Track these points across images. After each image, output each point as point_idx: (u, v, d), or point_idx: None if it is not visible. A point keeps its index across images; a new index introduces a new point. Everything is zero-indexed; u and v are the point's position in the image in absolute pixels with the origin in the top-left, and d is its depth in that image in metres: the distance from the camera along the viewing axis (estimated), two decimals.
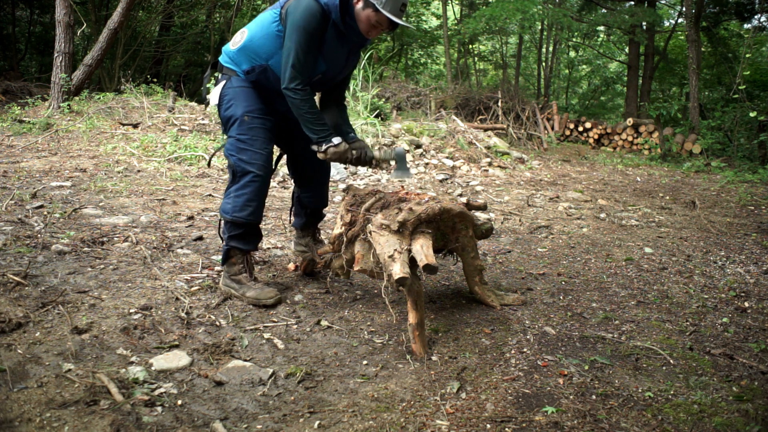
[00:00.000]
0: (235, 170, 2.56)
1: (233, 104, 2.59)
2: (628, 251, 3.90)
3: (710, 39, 14.77)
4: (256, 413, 1.83)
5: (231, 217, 2.56)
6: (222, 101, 2.63)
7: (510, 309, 2.75)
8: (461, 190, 5.97)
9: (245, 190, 2.55)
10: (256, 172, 2.54)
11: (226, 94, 2.62)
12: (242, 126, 2.56)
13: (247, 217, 2.56)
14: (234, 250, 2.65)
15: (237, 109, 2.57)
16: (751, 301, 2.99)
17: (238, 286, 2.63)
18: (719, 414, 1.89)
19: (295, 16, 2.38)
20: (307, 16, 2.37)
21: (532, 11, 12.09)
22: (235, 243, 2.63)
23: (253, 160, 2.54)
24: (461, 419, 1.82)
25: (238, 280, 2.64)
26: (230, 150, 2.58)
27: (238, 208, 2.55)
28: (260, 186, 2.57)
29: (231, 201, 2.57)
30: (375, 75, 11.40)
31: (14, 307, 2.32)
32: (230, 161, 2.57)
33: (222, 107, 2.64)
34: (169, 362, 2.05)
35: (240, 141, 2.55)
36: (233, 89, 2.61)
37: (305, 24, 2.37)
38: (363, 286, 3.01)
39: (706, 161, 9.50)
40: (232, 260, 2.66)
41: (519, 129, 11.05)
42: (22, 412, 1.67)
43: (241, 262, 2.67)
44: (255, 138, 2.56)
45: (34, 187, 4.48)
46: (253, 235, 2.69)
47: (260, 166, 2.55)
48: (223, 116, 2.65)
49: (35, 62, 15.68)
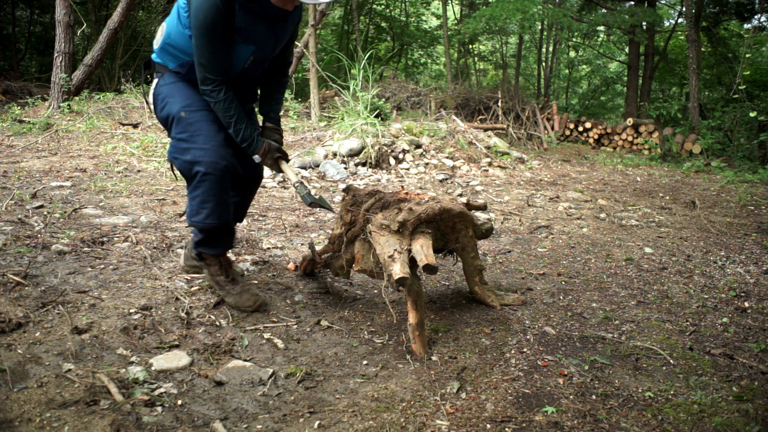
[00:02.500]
0: (183, 172, 2.36)
1: (168, 102, 2.37)
2: (628, 251, 3.90)
3: (710, 39, 14.77)
4: (256, 413, 1.83)
5: (190, 222, 2.40)
6: (157, 102, 2.42)
7: (510, 309, 2.75)
8: (461, 190, 5.97)
9: (197, 192, 2.34)
10: (203, 171, 2.30)
11: (160, 93, 2.41)
12: (180, 124, 2.34)
13: (203, 221, 2.37)
14: (204, 254, 2.54)
15: (173, 107, 2.36)
16: (751, 301, 2.99)
17: (219, 288, 2.55)
18: (719, 414, 1.89)
19: (196, 12, 2.17)
20: (205, 8, 2.15)
21: (532, 11, 12.08)
22: (202, 248, 2.51)
23: (198, 158, 2.30)
24: (461, 419, 1.82)
25: (217, 282, 2.55)
26: (173, 153, 2.37)
27: (193, 212, 2.37)
28: (212, 185, 2.32)
29: (188, 205, 2.40)
30: (375, 75, 11.41)
31: (14, 307, 2.32)
32: (176, 165, 2.37)
33: (158, 108, 2.42)
34: (169, 362, 2.05)
35: (180, 141, 2.34)
36: (166, 86, 2.40)
37: (205, 19, 2.16)
38: (363, 286, 3.01)
39: (706, 161, 9.50)
40: (207, 261, 2.57)
41: (519, 129, 11.05)
42: (22, 412, 1.67)
43: (215, 263, 2.55)
44: (196, 133, 2.32)
45: (34, 187, 4.48)
46: (221, 237, 2.51)
47: (207, 164, 2.29)
48: (160, 118, 2.43)
49: (35, 62, 15.68)
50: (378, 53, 19.74)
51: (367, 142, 6.63)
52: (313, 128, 8.06)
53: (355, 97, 7.53)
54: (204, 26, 2.17)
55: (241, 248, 3.41)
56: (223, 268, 2.54)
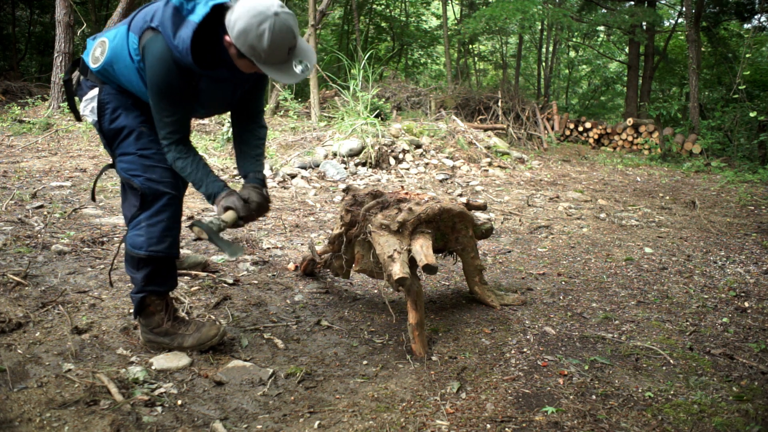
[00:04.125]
0: (144, 193, 2.04)
1: (121, 113, 2.08)
2: (628, 251, 3.90)
3: (710, 39, 14.77)
4: (256, 413, 1.83)
5: (146, 252, 2.03)
6: (104, 111, 2.09)
7: (510, 309, 2.75)
8: (461, 190, 5.97)
9: (160, 216, 2.06)
10: (171, 193, 2.07)
11: (108, 102, 2.09)
12: (142, 138, 2.08)
13: (167, 249, 2.07)
14: (151, 296, 2.13)
15: (128, 119, 2.08)
16: (751, 301, 2.98)
17: (169, 339, 2.15)
18: (719, 414, 1.89)
19: (151, 73, 1.91)
20: (162, 74, 1.89)
21: (532, 11, 12.08)
22: (152, 287, 2.11)
23: (164, 178, 2.07)
24: (461, 419, 1.82)
25: (164, 332, 2.15)
26: (132, 170, 2.05)
27: (154, 240, 2.04)
28: (177, 210, 2.12)
29: (144, 232, 2.04)
30: (375, 75, 11.41)
31: (14, 307, 2.32)
32: (135, 183, 2.03)
33: (105, 118, 2.09)
34: (169, 362, 2.05)
35: (144, 157, 2.06)
36: (115, 95, 2.09)
37: (162, 85, 1.91)
38: (363, 286, 3.01)
39: (706, 161, 9.50)
40: (150, 309, 2.14)
41: (519, 129, 11.05)
42: (22, 412, 1.67)
43: (161, 308, 2.16)
44: (161, 153, 2.07)
45: (34, 187, 4.48)
46: (172, 270, 2.18)
47: (173, 185, 2.09)
48: (108, 129, 2.09)
49: (35, 62, 15.69)
50: (378, 53, 19.74)
51: (367, 142, 6.63)
52: (313, 128, 8.07)
53: (355, 97, 7.53)
54: (160, 91, 1.93)
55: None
56: (169, 310, 2.19)
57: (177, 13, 1.86)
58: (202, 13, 1.85)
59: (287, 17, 1.82)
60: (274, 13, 1.80)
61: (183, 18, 1.86)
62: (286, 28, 1.82)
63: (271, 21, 1.79)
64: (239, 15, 1.81)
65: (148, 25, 1.90)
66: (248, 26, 1.79)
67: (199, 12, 1.86)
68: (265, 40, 1.79)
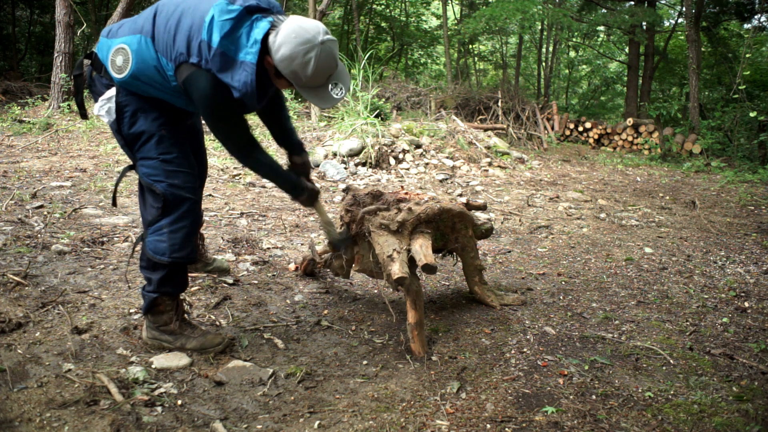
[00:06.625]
0: (167, 199, 2.03)
1: (140, 117, 2.05)
2: (628, 251, 3.90)
3: (710, 39, 14.76)
4: (256, 413, 1.83)
5: (169, 259, 2.05)
6: (123, 115, 2.05)
7: (510, 309, 2.75)
8: (461, 190, 5.97)
9: (183, 223, 2.07)
10: (193, 198, 2.09)
11: (127, 104, 2.04)
12: (163, 143, 2.06)
13: (189, 255, 2.10)
14: (163, 297, 2.14)
15: (147, 123, 2.05)
16: (751, 301, 2.99)
17: (172, 339, 2.16)
18: (719, 414, 1.89)
19: (204, 106, 1.92)
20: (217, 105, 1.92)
21: (532, 11, 12.07)
22: (166, 288, 2.13)
23: (187, 183, 2.07)
24: (461, 419, 1.82)
25: (170, 331, 2.16)
26: (155, 174, 2.04)
27: (177, 246, 2.05)
28: (197, 215, 2.15)
29: (166, 238, 2.05)
30: (375, 75, 11.41)
31: (14, 307, 2.32)
32: (158, 189, 2.03)
33: (124, 122, 2.05)
34: (169, 362, 2.06)
35: (167, 162, 2.05)
36: (134, 97, 2.05)
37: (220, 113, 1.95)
38: (363, 286, 3.01)
39: (706, 161, 9.50)
40: (160, 308, 2.15)
41: (519, 129, 11.05)
42: (22, 412, 1.67)
43: (171, 308, 2.17)
44: (183, 156, 2.08)
45: (34, 187, 4.48)
46: (186, 273, 2.22)
47: (194, 190, 2.11)
48: (127, 134, 2.07)
49: (35, 62, 15.68)
50: (378, 53, 19.73)
51: (367, 142, 6.63)
52: (313, 128, 8.07)
53: (355, 97, 7.53)
54: (217, 117, 1.96)
55: (241, 248, 3.41)
56: (178, 311, 2.21)
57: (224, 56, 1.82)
58: (256, 52, 1.81)
59: (332, 45, 1.84)
60: (321, 42, 1.80)
61: (232, 59, 1.82)
62: (331, 57, 1.84)
63: (317, 50, 1.80)
64: (285, 40, 1.80)
65: (185, 59, 1.86)
66: (294, 53, 1.80)
67: (252, 51, 1.82)
68: (310, 69, 1.82)
